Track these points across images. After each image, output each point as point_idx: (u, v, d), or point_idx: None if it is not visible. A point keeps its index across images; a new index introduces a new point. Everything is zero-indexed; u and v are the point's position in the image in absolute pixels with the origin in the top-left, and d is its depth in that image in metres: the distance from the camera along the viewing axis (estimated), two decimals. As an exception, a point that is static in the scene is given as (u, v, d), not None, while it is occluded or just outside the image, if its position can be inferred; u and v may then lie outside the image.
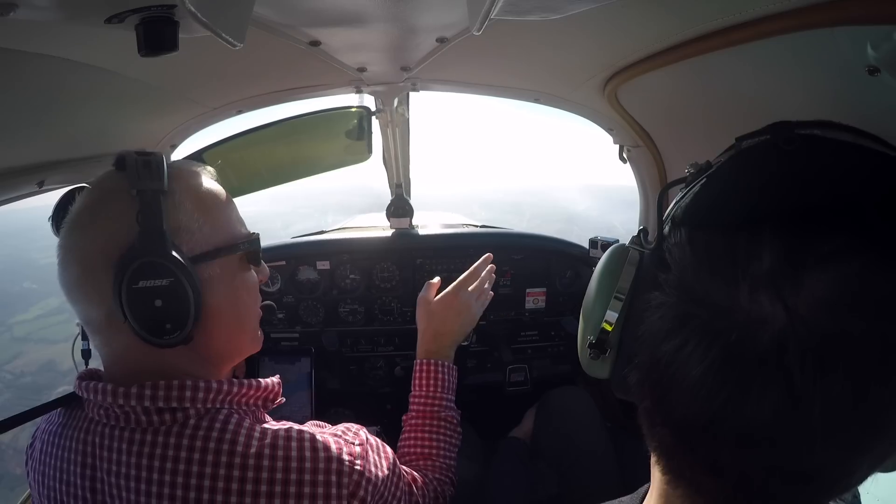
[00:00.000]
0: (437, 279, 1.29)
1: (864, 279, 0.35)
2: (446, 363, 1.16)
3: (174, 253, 0.66)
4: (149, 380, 0.67)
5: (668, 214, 0.49)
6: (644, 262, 0.52)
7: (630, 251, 0.54)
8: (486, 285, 1.28)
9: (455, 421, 1.14)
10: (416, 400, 1.14)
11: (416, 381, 1.15)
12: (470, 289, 1.24)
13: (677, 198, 0.49)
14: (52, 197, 0.89)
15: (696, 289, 0.40)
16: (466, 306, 1.22)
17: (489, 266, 1.32)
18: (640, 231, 0.55)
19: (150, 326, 0.66)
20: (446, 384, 1.15)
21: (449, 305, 1.21)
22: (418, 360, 1.17)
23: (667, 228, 0.49)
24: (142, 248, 0.65)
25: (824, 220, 0.37)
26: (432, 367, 1.14)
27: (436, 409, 1.11)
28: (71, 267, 0.68)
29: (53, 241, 0.72)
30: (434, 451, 1.07)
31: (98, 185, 0.73)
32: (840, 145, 0.43)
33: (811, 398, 0.34)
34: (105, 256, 0.66)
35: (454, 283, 1.25)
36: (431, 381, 1.13)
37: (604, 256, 0.56)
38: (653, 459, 0.48)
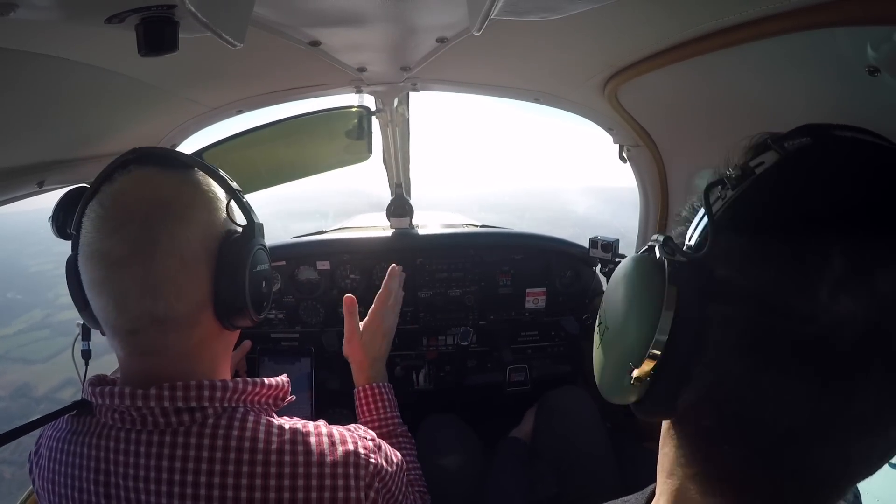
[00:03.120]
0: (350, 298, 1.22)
1: None
2: (386, 384, 1.16)
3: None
4: (166, 382, 0.68)
5: (710, 220, 0.45)
6: (684, 273, 0.45)
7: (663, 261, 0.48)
8: (398, 291, 1.28)
9: (409, 435, 1.14)
10: (369, 425, 1.10)
11: (365, 408, 1.12)
12: (389, 305, 1.23)
13: (719, 203, 0.45)
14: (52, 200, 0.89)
15: (771, 299, 0.39)
16: (389, 328, 1.23)
17: (399, 276, 1.30)
18: (665, 238, 0.50)
19: (258, 306, 0.75)
20: (393, 403, 1.14)
21: (377, 331, 1.20)
22: (361, 387, 1.14)
23: (699, 235, 0.45)
24: (252, 237, 0.73)
25: (890, 218, 0.38)
26: (377, 390, 1.13)
27: (391, 428, 1.11)
28: (167, 259, 0.66)
29: (47, 246, 0.72)
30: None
31: (169, 178, 0.71)
32: (881, 147, 0.44)
33: None
34: (205, 247, 0.69)
35: (373, 309, 1.21)
36: (380, 404, 1.12)
37: (630, 270, 0.49)
38: (680, 469, 0.47)
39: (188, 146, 1.62)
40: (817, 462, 0.40)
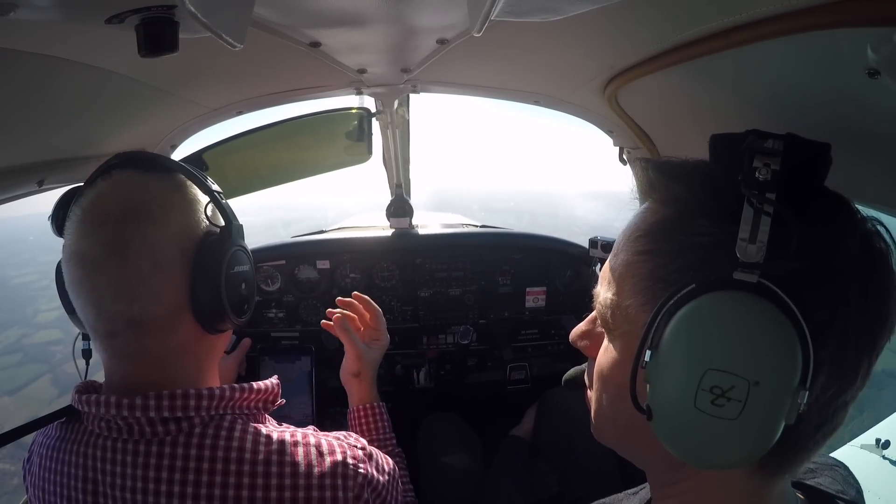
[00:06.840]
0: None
1: None
2: (383, 404, 1.17)
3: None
4: (151, 389, 0.67)
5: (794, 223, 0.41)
6: (795, 286, 0.41)
7: (747, 295, 0.41)
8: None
9: (402, 455, 1.14)
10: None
11: (365, 427, 1.12)
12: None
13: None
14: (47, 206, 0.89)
15: (851, 262, 0.43)
16: (388, 341, 1.31)
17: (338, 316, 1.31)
18: (751, 265, 0.41)
19: (237, 308, 0.73)
20: (390, 422, 1.15)
21: (384, 347, 1.28)
22: (361, 407, 1.14)
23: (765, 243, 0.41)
24: (228, 239, 0.72)
25: None
26: (377, 411, 1.13)
27: (389, 448, 1.11)
28: (138, 261, 0.65)
29: (33, 255, 0.72)
30: None
31: (146, 181, 0.71)
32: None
33: None
34: (181, 249, 0.68)
35: (379, 325, 1.31)
36: (380, 424, 1.12)
37: (758, 321, 0.41)
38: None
39: (188, 147, 1.62)
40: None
